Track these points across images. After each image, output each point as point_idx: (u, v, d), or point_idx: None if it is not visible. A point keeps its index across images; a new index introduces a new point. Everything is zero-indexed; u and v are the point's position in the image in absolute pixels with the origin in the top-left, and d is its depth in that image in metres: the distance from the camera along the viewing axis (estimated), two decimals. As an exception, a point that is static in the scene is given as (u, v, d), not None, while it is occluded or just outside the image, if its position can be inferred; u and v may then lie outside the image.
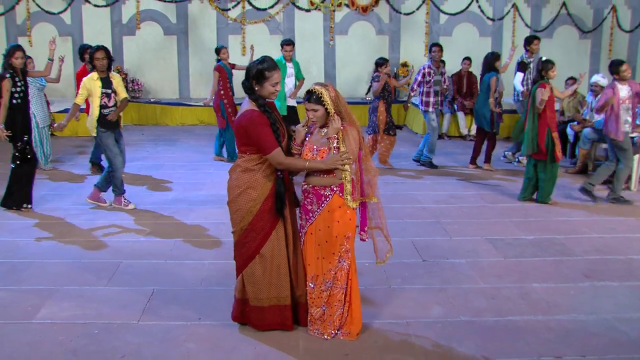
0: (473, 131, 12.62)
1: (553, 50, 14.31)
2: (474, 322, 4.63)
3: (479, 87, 12.27)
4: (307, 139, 4.29)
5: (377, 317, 4.66)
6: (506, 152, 10.38)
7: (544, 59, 8.12)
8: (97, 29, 13.96)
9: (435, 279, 5.45)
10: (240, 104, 4.47)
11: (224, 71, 9.82)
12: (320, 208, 4.20)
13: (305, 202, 4.28)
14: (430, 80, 9.74)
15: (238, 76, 7.20)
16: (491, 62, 9.55)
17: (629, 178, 8.53)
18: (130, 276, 5.41)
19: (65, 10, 13.98)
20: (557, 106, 9.99)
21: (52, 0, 13.91)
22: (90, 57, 7.14)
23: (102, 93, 7.07)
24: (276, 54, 10.18)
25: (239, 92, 7.20)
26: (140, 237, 6.47)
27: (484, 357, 4.13)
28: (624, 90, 7.69)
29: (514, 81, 10.19)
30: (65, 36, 13.94)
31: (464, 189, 8.58)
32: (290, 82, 9.87)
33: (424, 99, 9.83)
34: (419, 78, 9.83)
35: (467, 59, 12.37)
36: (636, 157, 8.47)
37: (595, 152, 9.58)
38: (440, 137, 12.54)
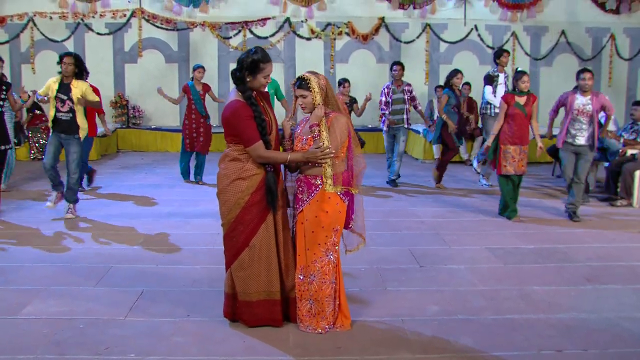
0: (474, 155, 12.57)
1: (553, 78, 14.43)
2: (472, 320, 4.49)
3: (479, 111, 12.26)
4: (298, 130, 4.24)
5: (372, 315, 4.53)
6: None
7: (519, 69, 8.16)
8: (99, 57, 14.05)
9: (432, 282, 5.32)
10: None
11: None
12: (310, 197, 4.11)
13: (298, 191, 4.20)
14: (389, 101, 9.56)
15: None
16: (448, 78, 9.70)
17: (631, 194, 8.43)
18: (120, 278, 5.30)
19: (68, 38, 14.09)
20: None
21: (55, 29, 14.05)
22: (59, 58, 7.27)
23: (56, 96, 7.19)
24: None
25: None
26: (133, 245, 6.36)
27: (481, 351, 3.98)
28: (580, 101, 7.44)
29: (485, 94, 10.03)
30: (67, 64, 14.04)
31: (463, 205, 8.47)
32: None
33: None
34: (382, 98, 9.69)
35: (467, 84, 12.37)
36: (637, 172, 8.38)
37: (596, 172, 9.50)
38: (441, 161, 12.52)
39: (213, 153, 10.09)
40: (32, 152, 11.97)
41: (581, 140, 7.45)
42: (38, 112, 12.33)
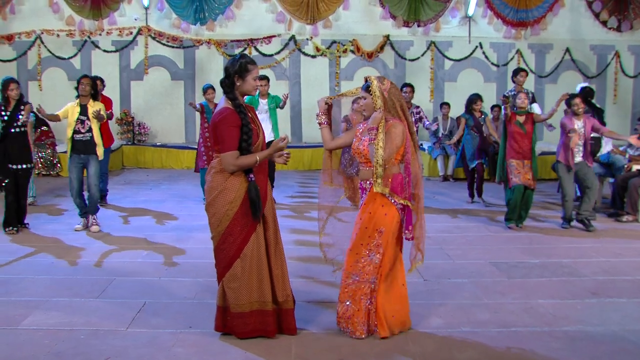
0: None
1: (559, 95, 14.26)
2: (476, 333, 4.44)
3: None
4: (360, 129, 4.30)
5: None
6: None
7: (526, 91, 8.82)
8: (105, 74, 13.96)
9: (435, 295, 5.28)
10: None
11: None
12: (362, 200, 4.24)
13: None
14: None
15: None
16: (468, 103, 9.84)
17: (637, 210, 8.39)
18: (123, 290, 5.28)
19: (75, 55, 14.23)
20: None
21: (62, 46, 14.18)
22: (77, 82, 7.59)
23: (77, 119, 7.39)
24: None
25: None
26: (137, 259, 6.35)
27: (485, 363, 3.95)
28: (577, 124, 7.81)
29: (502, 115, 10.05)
30: (74, 81, 14.03)
31: (468, 220, 8.45)
32: (262, 118, 9.13)
33: None
34: None
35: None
36: (644, 186, 8.37)
37: (602, 188, 9.45)
38: (446, 179, 12.49)
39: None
40: (38, 167, 12.00)
41: (578, 158, 7.87)
42: (45, 128, 12.39)
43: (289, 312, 4.24)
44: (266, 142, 4.12)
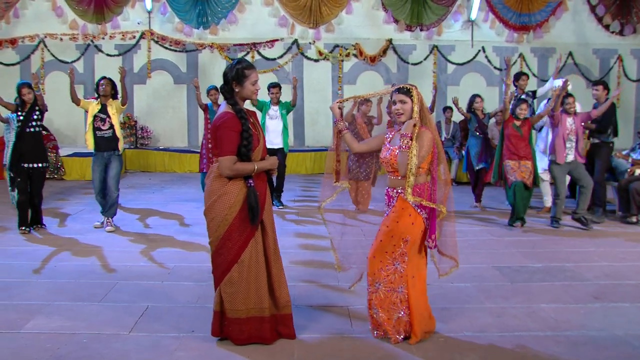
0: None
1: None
2: (478, 337, 4.43)
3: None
4: (389, 137, 4.31)
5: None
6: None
7: (520, 97, 9.10)
8: (108, 78, 14.16)
9: (438, 299, 5.24)
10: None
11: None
12: (389, 209, 4.23)
13: (385, 204, 4.32)
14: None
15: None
16: (469, 104, 9.84)
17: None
18: (125, 294, 5.28)
19: (78, 59, 14.30)
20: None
21: (65, 50, 14.25)
22: (96, 84, 7.91)
23: (96, 116, 7.66)
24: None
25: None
26: (139, 262, 6.36)
27: (488, 367, 3.94)
28: (568, 121, 8.09)
29: None
30: (77, 84, 14.03)
31: (471, 224, 8.44)
32: (273, 124, 9.37)
33: None
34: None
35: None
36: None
37: (606, 192, 9.42)
38: (448, 183, 12.45)
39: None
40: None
41: (570, 157, 8.13)
42: (44, 132, 12.41)
43: (289, 317, 4.24)
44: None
